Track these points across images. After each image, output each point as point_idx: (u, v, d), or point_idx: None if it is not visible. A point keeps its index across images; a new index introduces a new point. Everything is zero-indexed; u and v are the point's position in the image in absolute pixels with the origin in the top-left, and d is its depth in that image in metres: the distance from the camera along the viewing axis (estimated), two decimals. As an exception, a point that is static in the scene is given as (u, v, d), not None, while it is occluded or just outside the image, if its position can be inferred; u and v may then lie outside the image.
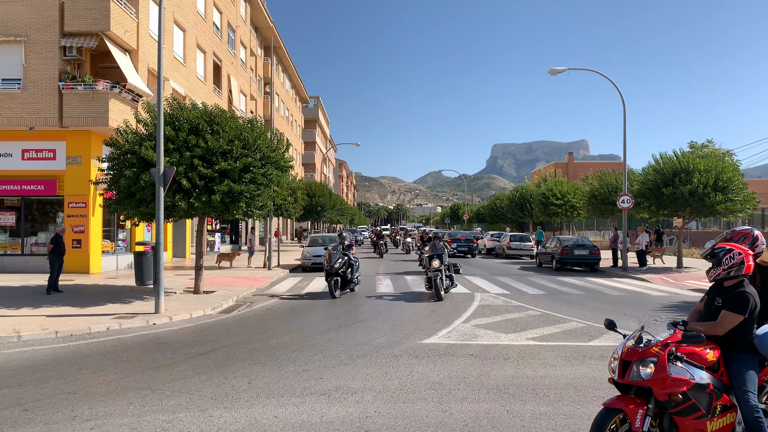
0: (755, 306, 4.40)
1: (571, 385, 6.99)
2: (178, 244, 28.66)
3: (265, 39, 45.09)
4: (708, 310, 4.66)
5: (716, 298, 4.58)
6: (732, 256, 4.44)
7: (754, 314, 4.41)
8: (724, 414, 4.30)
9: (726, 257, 4.45)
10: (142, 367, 7.84)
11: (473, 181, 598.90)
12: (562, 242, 25.06)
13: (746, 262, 4.43)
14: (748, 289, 4.43)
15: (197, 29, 28.35)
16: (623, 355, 4.26)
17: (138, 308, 12.46)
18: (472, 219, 72.63)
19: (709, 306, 4.65)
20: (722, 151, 50.42)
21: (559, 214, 40.08)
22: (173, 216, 14.42)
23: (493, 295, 15.45)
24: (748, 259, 4.45)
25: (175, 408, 6.08)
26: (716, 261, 4.50)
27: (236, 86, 35.82)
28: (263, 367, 7.79)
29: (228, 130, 13.81)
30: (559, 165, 79.00)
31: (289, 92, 57.80)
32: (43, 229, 20.82)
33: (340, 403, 6.26)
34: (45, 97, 19.40)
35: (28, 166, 20.11)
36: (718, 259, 4.49)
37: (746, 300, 4.36)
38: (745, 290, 4.41)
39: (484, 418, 5.81)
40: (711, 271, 4.55)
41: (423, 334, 10.10)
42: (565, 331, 10.52)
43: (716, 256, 4.50)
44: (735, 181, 22.79)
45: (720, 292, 4.57)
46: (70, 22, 19.39)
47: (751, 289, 4.45)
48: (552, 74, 23.86)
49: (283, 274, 21.83)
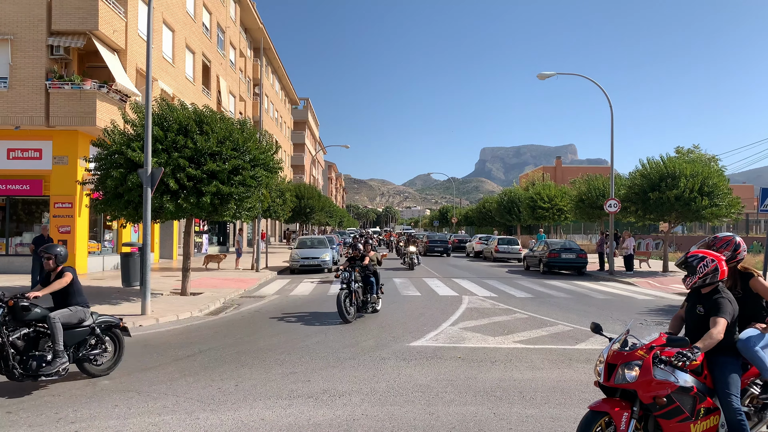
0: (735, 310, 4.51)
1: (557, 388, 7.03)
2: (165, 246, 28.46)
3: (255, 40, 44.99)
4: (690, 318, 4.74)
5: (697, 306, 4.67)
6: (706, 263, 4.54)
7: (734, 317, 4.52)
8: (707, 417, 4.35)
9: (700, 265, 4.55)
10: (127, 369, 7.77)
11: (462, 185, 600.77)
12: (550, 246, 25.20)
13: (720, 267, 4.53)
14: (725, 294, 4.54)
15: (186, 29, 28.23)
16: (609, 359, 4.31)
17: (124, 310, 12.35)
18: (461, 222, 72.85)
19: (691, 313, 4.73)
20: (708, 157, 51.04)
21: (547, 218, 40.32)
22: (161, 217, 14.33)
23: (480, 298, 15.50)
24: (722, 264, 4.55)
25: (161, 410, 6.05)
26: (691, 269, 4.59)
27: (225, 87, 35.69)
28: (250, 370, 7.77)
29: (217, 131, 13.76)
30: (548, 169, 79.52)
31: (279, 94, 57.68)
32: (28, 229, 20.60)
33: (328, 406, 6.25)
34: (31, 96, 19.21)
35: (14, 165, 19.89)
36: (693, 267, 4.58)
37: (727, 305, 4.46)
38: (723, 296, 4.52)
39: (471, 421, 5.83)
40: (687, 280, 4.63)
41: (411, 337, 10.11)
42: (552, 334, 10.58)
43: (690, 264, 4.59)
44: (720, 186, 23.05)
45: (700, 300, 4.66)
46: (57, 21, 19.22)
47: (727, 293, 4.56)
48: (541, 79, 23.99)
49: (271, 276, 21.75)
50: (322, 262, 23.83)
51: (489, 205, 54.70)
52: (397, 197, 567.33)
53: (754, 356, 4.54)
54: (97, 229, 21.96)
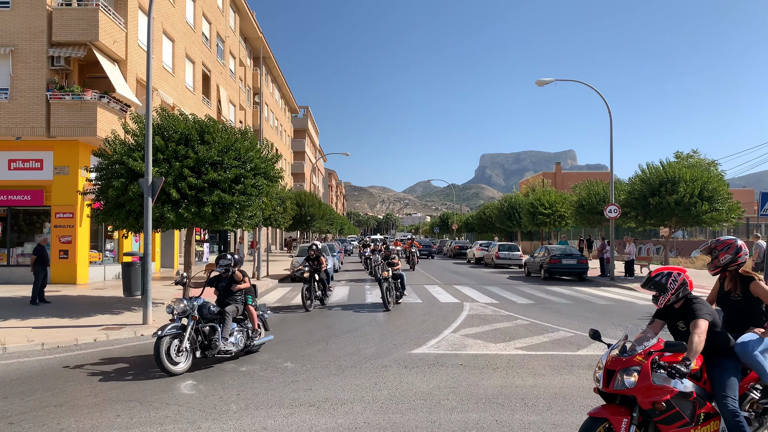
0: (713, 311, 4.59)
1: (559, 395, 7.03)
2: (167, 255, 28.48)
3: (255, 49, 45.17)
4: (676, 336, 4.80)
5: (678, 323, 4.71)
6: (674, 278, 4.61)
7: (716, 317, 4.60)
8: (707, 422, 4.36)
9: (669, 281, 4.61)
10: (129, 378, 7.78)
11: (462, 191, 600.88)
12: (551, 252, 25.21)
13: (687, 279, 4.63)
14: (697, 300, 4.62)
15: (186, 39, 28.37)
16: (608, 365, 4.32)
17: (126, 319, 12.37)
18: (462, 228, 72.85)
19: (675, 331, 4.79)
20: (707, 161, 51.05)
21: (547, 224, 40.33)
22: (162, 227, 14.36)
23: (482, 305, 15.50)
24: (687, 276, 4.64)
25: (163, 420, 6.06)
26: (660, 287, 4.64)
27: (225, 96, 35.81)
28: (252, 378, 7.78)
29: (219, 141, 13.82)
30: (547, 175, 79.59)
31: (279, 102, 57.85)
32: (29, 240, 20.61)
33: (330, 414, 6.26)
34: (32, 106, 19.29)
35: (15, 176, 19.95)
36: (662, 285, 4.63)
37: (702, 307, 4.52)
38: (696, 301, 4.59)
39: (473, 429, 5.84)
40: (660, 299, 4.67)
41: (412, 344, 10.12)
42: (553, 340, 10.59)
43: (659, 283, 4.64)
44: (720, 190, 23.10)
45: (676, 316, 4.71)
46: (58, 32, 19.33)
47: (700, 299, 4.64)
48: (539, 85, 24.09)
49: (272, 284, 21.76)
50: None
51: (489, 212, 54.71)
52: (397, 204, 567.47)
53: (753, 361, 4.55)
54: (99, 239, 21.99)
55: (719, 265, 4.95)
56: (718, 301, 5.13)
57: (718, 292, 5.14)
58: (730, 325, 4.92)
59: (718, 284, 5.16)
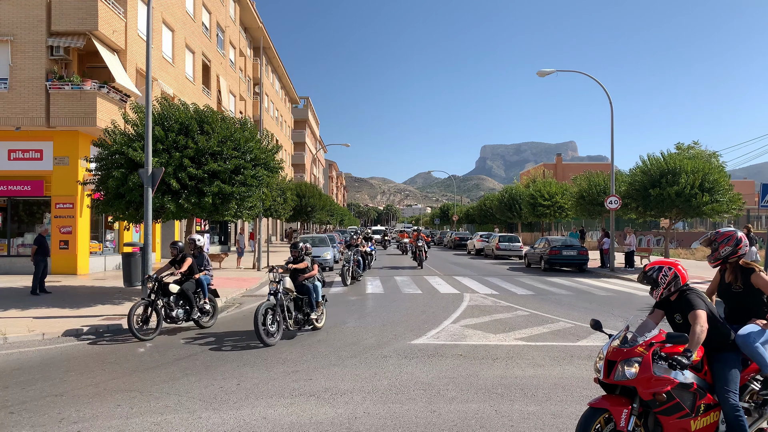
0: (708, 302, 4.58)
1: (559, 385, 7.04)
2: (167, 245, 28.47)
3: (255, 39, 44.97)
4: (674, 327, 4.79)
5: (674, 315, 4.71)
6: (665, 273, 4.62)
7: (712, 308, 4.59)
8: (707, 413, 4.36)
9: (660, 277, 4.62)
10: (130, 368, 7.80)
11: (463, 182, 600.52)
12: (551, 243, 25.21)
13: (679, 273, 4.62)
14: (692, 291, 4.62)
15: (186, 29, 28.23)
16: (608, 355, 4.32)
17: (126, 310, 12.33)
18: (462, 220, 72.87)
19: (673, 324, 4.78)
20: (708, 153, 50.97)
21: (548, 215, 40.32)
22: (162, 217, 14.36)
23: (481, 296, 15.51)
24: (679, 269, 4.63)
25: (164, 410, 6.07)
26: (653, 282, 4.66)
27: (225, 86, 35.69)
28: (252, 369, 7.79)
29: (219, 131, 13.77)
30: (548, 166, 79.45)
31: (279, 93, 57.67)
32: (29, 230, 20.62)
33: (330, 404, 6.27)
34: (32, 97, 19.23)
35: (15, 166, 19.92)
36: (654, 279, 4.65)
37: (697, 298, 4.52)
38: (691, 293, 4.59)
39: (472, 418, 5.85)
40: (654, 293, 4.69)
41: (412, 335, 10.13)
42: (553, 331, 10.60)
43: (650, 277, 4.66)
44: (721, 182, 23.05)
45: (673, 309, 4.70)
46: (57, 22, 19.23)
47: (694, 290, 4.64)
48: (540, 76, 24.00)
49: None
50: (323, 260, 23.84)
51: (490, 203, 54.71)
52: (398, 195, 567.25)
53: (754, 352, 4.54)
54: (99, 230, 21.99)
55: (719, 257, 4.94)
56: (719, 292, 5.12)
57: (718, 283, 5.12)
58: (731, 316, 4.92)
59: (718, 276, 5.14)
